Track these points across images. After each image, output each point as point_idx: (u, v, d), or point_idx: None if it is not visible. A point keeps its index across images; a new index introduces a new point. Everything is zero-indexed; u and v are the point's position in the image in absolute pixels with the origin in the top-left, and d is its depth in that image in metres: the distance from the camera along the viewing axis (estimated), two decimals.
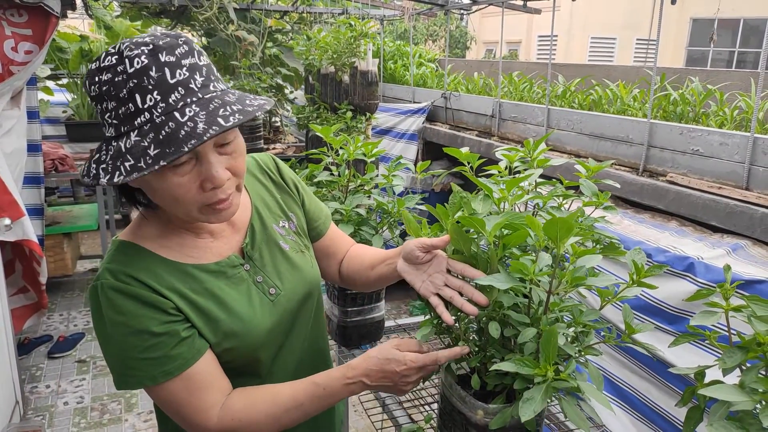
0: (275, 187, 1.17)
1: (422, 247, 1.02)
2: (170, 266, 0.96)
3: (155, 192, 0.89)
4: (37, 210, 3.78)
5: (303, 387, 0.99)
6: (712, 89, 2.76)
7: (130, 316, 0.90)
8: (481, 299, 0.97)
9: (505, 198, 1.06)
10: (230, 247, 1.04)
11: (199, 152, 0.86)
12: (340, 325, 1.79)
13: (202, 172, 0.87)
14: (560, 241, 0.91)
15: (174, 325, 0.92)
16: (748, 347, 0.89)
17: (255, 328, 1.00)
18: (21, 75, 3.23)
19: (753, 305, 0.90)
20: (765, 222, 2.07)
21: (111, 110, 0.83)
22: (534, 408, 0.90)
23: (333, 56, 3.30)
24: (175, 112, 0.81)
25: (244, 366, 1.03)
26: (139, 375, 0.91)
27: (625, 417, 2.32)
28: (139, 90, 0.81)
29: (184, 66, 0.84)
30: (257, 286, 1.04)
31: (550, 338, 0.91)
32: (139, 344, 0.90)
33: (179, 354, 0.92)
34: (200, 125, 0.80)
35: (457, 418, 1.08)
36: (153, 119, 0.81)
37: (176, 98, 0.82)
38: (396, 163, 1.79)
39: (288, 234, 1.14)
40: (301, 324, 1.12)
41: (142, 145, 0.80)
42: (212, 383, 0.95)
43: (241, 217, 1.08)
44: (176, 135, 0.79)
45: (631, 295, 1.03)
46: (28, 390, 3.26)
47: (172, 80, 0.82)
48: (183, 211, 0.91)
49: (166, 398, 0.93)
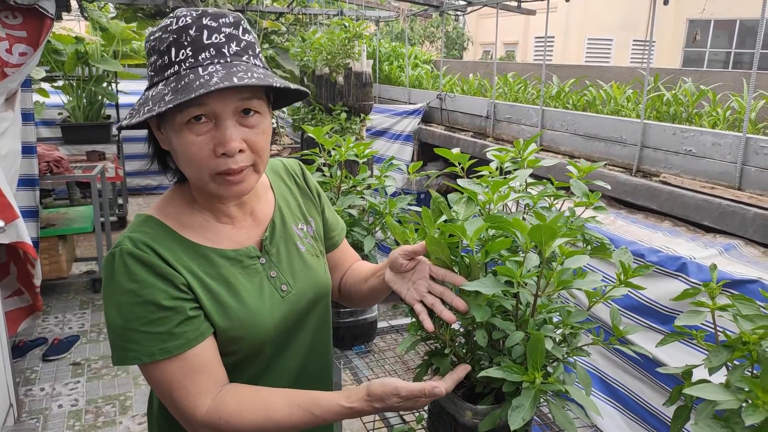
0: (299, 190, 1.19)
1: (404, 255, 1.01)
2: (188, 246, 0.97)
3: (176, 154, 0.92)
4: (32, 212, 3.77)
5: (300, 414, 0.94)
6: (705, 90, 2.77)
7: (142, 284, 0.91)
8: (460, 306, 0.96)
9: (490, 200, 1.06)
10: (249, 239, 1.05)
11: (218, 115, 0.89)
12: (333, 326, 1.79)
13: (217, 136, 0.89)
14: (545, 244, 0.91)
15: (182, 302, 0.93)
16: (734, 346, 0.89)
17: (263, 321, 1.00)
18: (15, 77, 3.23)
19: (738, 304, 0.90)
20: (757, 222, 2.08)
21: (152, 63, 0.91)
22: (523, 416, 0.90)
23: (327, 57, 3.31)
24: (200, 68, 0.87)
25: (246, 359, 1.02)
26: (138, 350, 0.90)
27: (619, 417, 2.32)
28: (175, 44, 0.87)
29: (223, 33, 0.89)
30: (270, 281, 1.04)
31: (537, 344, 0.91)
32: (144, 315, 0.90)
33: (182, 333, 0.92)
34: (215, 78, 0.84)
35: (445, 418, 1.08)
36: (180, 71, 0.87)
37: (205, 57, 0.87)
38: (388, 164, 1.79)
39: (306, 237, 1.14)
40: (307, 327, 1.12)
41: (162, 93, 0.86)
42: (209, 369, 0.94)
43: (265, 212, 1.09)
44: (191, 85, 0.84)
45: (619, 295, 1.03)
46: (23, 393, 3.25)
47: (207, 41, 0.88)
48: (196, 176, 0.92)
49: (161, 378, 0.92)
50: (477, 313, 0.94)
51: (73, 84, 5.27)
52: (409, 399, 0.92)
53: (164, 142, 0.96)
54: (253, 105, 0.92)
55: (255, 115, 0.93)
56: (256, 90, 0.92)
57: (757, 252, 2.08)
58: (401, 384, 0.91)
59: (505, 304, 1.00)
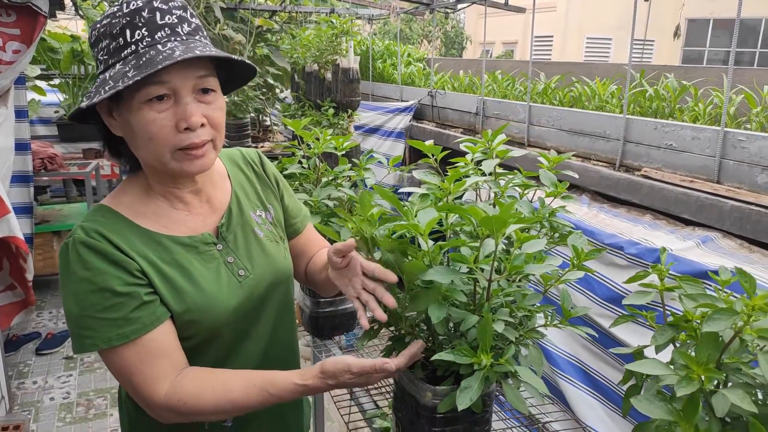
0: (257, 178, 1.21)
1: (335, 252, 1.01)
2: (143, 234, 0.99)
3: (134, 135, 0.94)
4: (26, 208, 3.80)
5: (256, 393, 0.96)
6: (687, 85, 2.79)
7: (95, 272, 0.92)
8: (389, 302, 0.96)
9: (448, 189, 1.09)
10: (205, 226, 1.07)
11: (177, 92, 0.92)
12: (312, 315, 1.81)
13: (178, 112, 0.92)
14: (498, 231, 0.94)
15: (137, 288, 0.94)
16: (678, 324, 0.92)
17: (219, 305, 1.02)
18: (8, 74, 3.27)
19: (684, 285, 0.92)
20: (734, 215, 2.10)
21: (104, 48, 0.92)
22: (471, 396, 0.92)
23: (316, 54, 3.34)
24: (158, 45, 0.90)
25: (205, 343, 1.04)
26: (95, 336, 0.92)
27: (600, 408, 2.35)
28: (130, 26, 0.90)
29: (174, 15, 0.93)
30: (227, 266, 1.06)
31: (486, 326, 0.94)
32: (99, 302, 0.92)
33: (138, 318, 0.93)
34: (177, 52, 0.88)
35: (408, 400, 1.10)
36: (138, 50, 0.90)
37: (161, 35, 0.91)
38: (368, 157, 1.82)
39: (264, 223, 1.17)
40: (268, 312, 1.14)
41: (123, 70, 0.89)
42: (167, 354, 0.96)
43: (221, 199, 1.11)
44: (154, 59, 0.87)
45: (574, 278, 1.06)
46: (15, 386, 3.28)
47: (161, 21, 0.92)
48: (157, 155, 0.94)
49: (119, 364, 0.94)
50: (433, 314, 0.95)
51: (69, 82, 5.31)
52: (362, 375, 0.94)
53: (117, 128, 0.97)
54: (210, 83, 0.96)
55: (212, 93, 0.97)
56: (211, 69, 0.96)
57: (733, 244, 2.10)
58: (353, 361, 0.94)
59: (458, 294, 1.00)
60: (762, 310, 0.77)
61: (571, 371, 2.48)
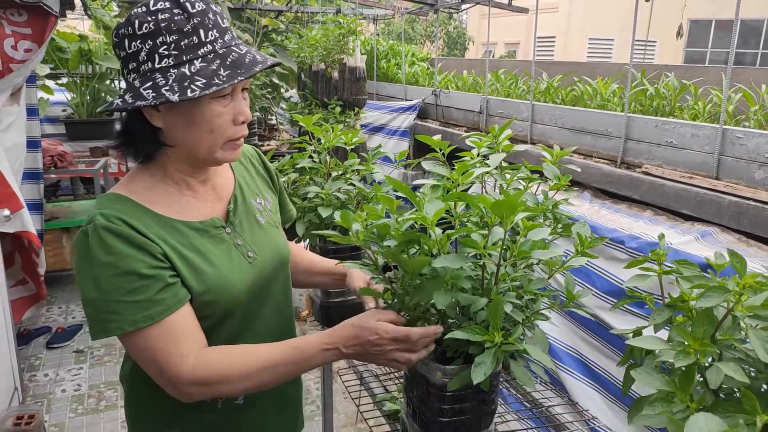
0: (255, 171, 1.29)
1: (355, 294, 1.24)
2: (158, 219, 1.03)
3: (190, 126, 1.00)
4: (37, 205, 3.86)
5: (282, 349, 1.02)
6: (687, 84, 2.85)
7: (119, 256, 0.95)
8: None
9: (457, 180, 1.15)
10: (213, 211, 1.13)
11: (236, 90, 1.03)
12: (323, 305, 1.87)
13: (236, 107, 1.03)
14: (507, 218, 0.99)
15: (161, 270, 0.98)
16: (675, 305, 0.97)
17: (235, 285, 1.07)
18: (20, 72, 3.33)
19: (681, 268, 0.98)
20: (732, 209, 2.16)
21: (170, 43, 0.96)
22: (485, 371, 0.98)
23: (323, 53, 3.40)
24: (233, 47, 1.01)
25: (220, 322, 1.09)
26: (120, 319, 0.94)
27: (600, 399, 2.40)
28: (202, 26, 0.98)
29: (226, 19, 1.05)
30: (237, 248, 1.12)
31: (496, 306, 1.00)
32: (124, 286, 0.94)
33: (162, 299, 0.96)
34: (258, 57, 1.02)
35: (418, 379, 1.16)
36: (216, 50, 0.99)
37: (228, 38, 1.02)
38: (375, 152, 1.88)
39: (264, 210, 1.23)
40: (275, 293, 1.20)
41: (210, 69, 0.97)
42: (190, 333, 1.00)
43: (226, 187, 1.18)
44: (242, 61, 0.99)
45: (577, 264, 1.12)
46: (27, 378, 3.35)
47: (224, 25, 1.02)
48: (212, 144, 1.03)
49: (143, 345, 0.97)
50: (439, 301, 1.01)
51: (76, 81, 5.37)
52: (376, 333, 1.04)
53: (158, 119, 1.00)
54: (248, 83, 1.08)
55: (245, 91, 1.07)
56: None
57: (731, 238, 2.16)
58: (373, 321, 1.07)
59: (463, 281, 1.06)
60: (752, 288, 0.82)
61: (572, 363, 2.54)
